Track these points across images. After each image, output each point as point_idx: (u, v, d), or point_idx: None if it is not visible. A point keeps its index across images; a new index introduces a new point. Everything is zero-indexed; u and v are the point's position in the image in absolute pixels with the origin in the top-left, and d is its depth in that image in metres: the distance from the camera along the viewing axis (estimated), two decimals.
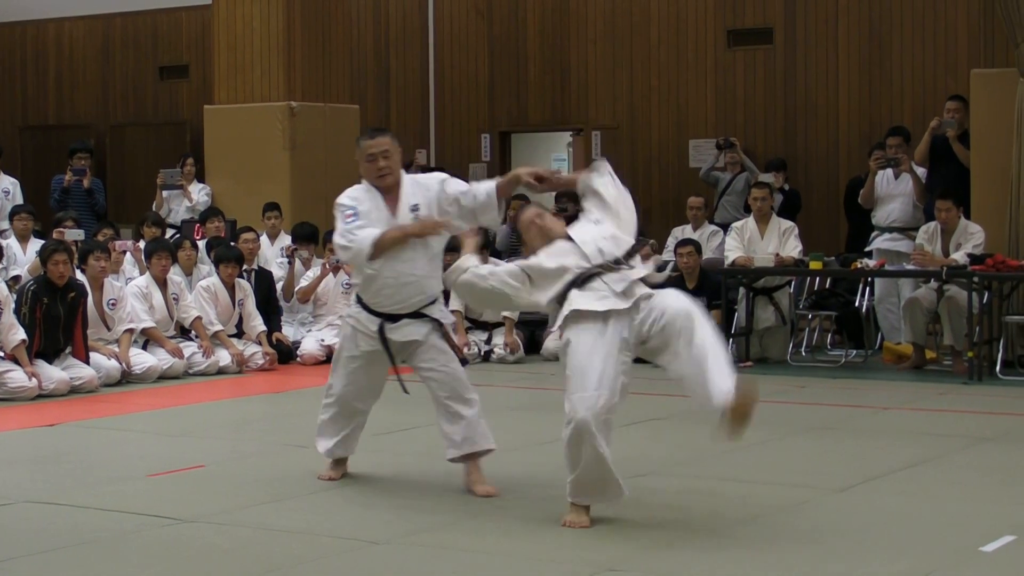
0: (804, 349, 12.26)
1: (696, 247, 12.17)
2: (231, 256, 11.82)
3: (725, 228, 12.76)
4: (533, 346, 12.35)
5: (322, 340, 11.90)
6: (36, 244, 12.24)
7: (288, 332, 12.37)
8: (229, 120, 14.23)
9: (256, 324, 11.83)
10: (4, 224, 13.63)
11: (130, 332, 10.96)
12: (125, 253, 12.28)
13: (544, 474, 6.96)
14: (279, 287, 12.59)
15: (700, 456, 7.60)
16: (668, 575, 5.26)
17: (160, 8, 17.41)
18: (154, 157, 16.22)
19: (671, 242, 13.29)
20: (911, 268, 11.30)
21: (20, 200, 14.15)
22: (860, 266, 11.47)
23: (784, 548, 5.57)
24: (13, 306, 10.10)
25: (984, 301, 10.72)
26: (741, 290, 11.94)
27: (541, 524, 5.95)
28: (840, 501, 6.42)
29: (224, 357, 11.47)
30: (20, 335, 9.99)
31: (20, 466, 7.53)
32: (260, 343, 11.78)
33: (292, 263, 12.77)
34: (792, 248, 11.79)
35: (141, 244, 12.23)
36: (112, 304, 10.93)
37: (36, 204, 14.20)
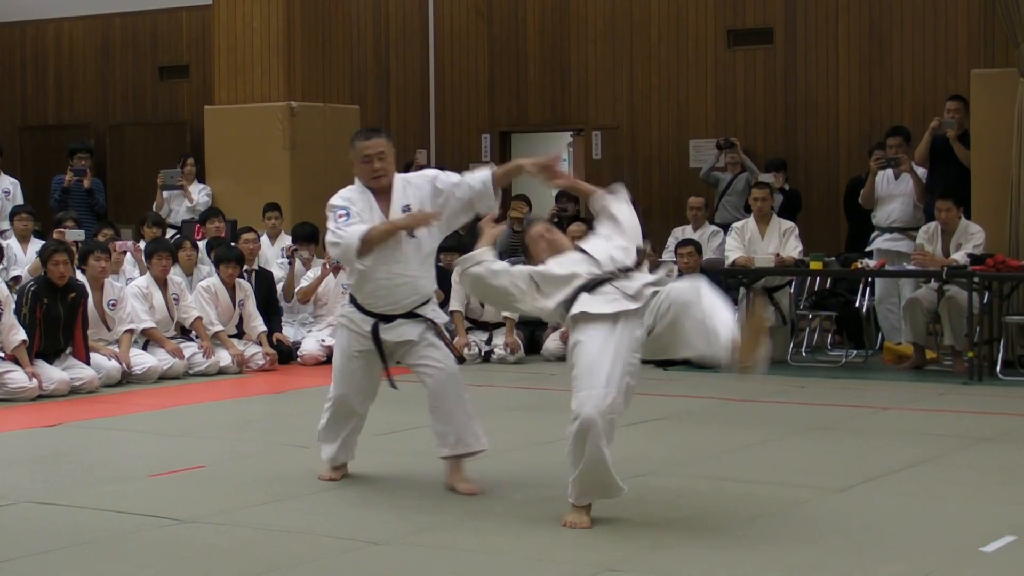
0: (804, 349, 12.26)
1: (696, 247, 12.18)
2: (231, 256, 11.82)
3: (725, 228, 12.76)
4: (533, 346, 12.35)
5: (322, 340, 11.90)
6: (36, 244, 12.25)
7: (288, 332, 12.37)
8: (229, 120, 14.23)
9: (256, 324, 11.84)
10: (4, 224, 13.63)
11: (130, 332, 10.97)
12: (125, 253, 12.29)
13: (544, 474, 6.97)
14: (279, 287, 12.60)
15: (700, 456, 7.61)
16: (668, 575, 5.26)
17: (160, 8, 17.40)
18: (154, 157, 16.22)
19: (671, 242, 13.29)
20: (911, 268, 11.30)
21: (20, 200, 14.16)
22: (860, 266, 11.47)
23: (784, 548, 5.57)
24: (13, 306, 10.10)
25: (984, 301, 10.72)
26: (742, 290, 11.94)
27: (541, 524, 5.95)
28: (840, 501, 6.42)
29: (224, 357, 11.47)
30: (20, 335, 9.99)
31: (20, 466, 7.53)
32: (260, 343, 11.79)
33: (292, 263, 12.77)
34: (792, 248, 11.79)
35: (141, 244, 12.23)
36: (112, 304, 10.93)
37: (36, 204, 14.20)
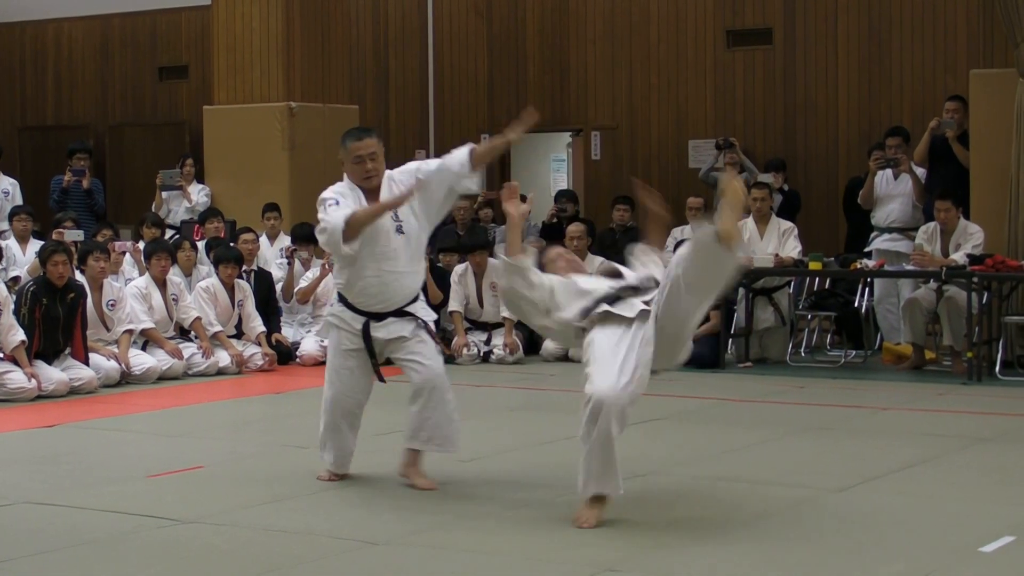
0: (803, 349, 12.26)
1: None
2: (230, 257, 11.82)
3: None
4: (532, 347, 12.34)
5: (321, 341, 11.87)
6: (35, 245, 12.25)
7: (287, 333, 12.37)
8: (228, 120, 14.23)
9: (255, 325, 11.84)
10: (4, 225, 13.63)
11: (129, 333, 10.97)
12: (124, 254, 12.29)
13: (544, 474, 6.97)
14: (278, 288, 12.59)
15: (700, 456, 7.61)
16: (668, 575, 5.26)
17: (159, 8, 17.39)
18: (153, 158, 16.21)
19: (670, 242, 13.26)
20: (910, 268, 11.30)
21: (19, 201, 14.16)
22: (859, 266, 11.47)
23: (783, 548, 5.57)
24: (12, 307, 10.10)
25: (983, 301, 10.72)
26: (740, 290, 11.93)
27: (541, 524, 5.95)
28: (839, 501, 6.41)
29: (223, 358, 11.47)
30: (19, 336, 9.99)
31: (19, 467, 7.53)
32: (259, 344, 11.78)
33: (291, 264, 12.77)
34: (791, 248, 11.79)
35: (140, 245, 12.23)
36: (111, 305, 10.92)
37: (35, 205, 14.20)
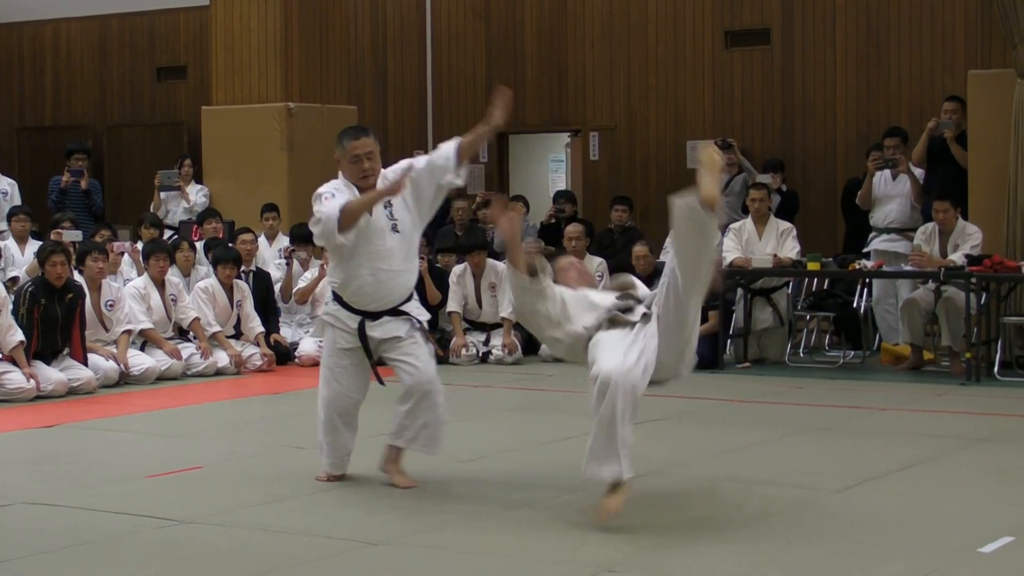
0: (802, 350, 12.26)
1: None
2: (229, 257, 11.82)
3: (723, 229, 12.69)
4: (531, 347, 12.34)
5: (320, 341, 11.86)
6: (34, 245, 12.26)
7: (286, 333, 12.37)
8: (227, 121, 14.23)
9: (254, 325, 11.84)
10: (2, 225, 13.64)
11: (128, 333, 10.96)
12: (123, 254, 12.30)
13: (543, 474, 6.97)
14: (277, 288, 12.59)
15: (699, 456, 7.61)
16: (668, 575, 5.26)
17: (158, 9, 17.38)
18: (151, 158, 16.20)
19: (669, 243, 13.26)
20: (909, 269, 11.29)
21: (18, 201, 14.17)
22: (858, 267, 11.47)
23: (783, 548, 5.58)
24: (11, 307, 10.09)
25: (982, 302, 10.72)
26: (739, 291, 11.94)
27: (540, 524, 5.95)
28: (838, 502, 6.42)
29: (222, 358, 11.47)
30: (18, 336, 9.99)
31: (18, 467, 7.53)
32: (258, 344, 11.78)
33: (290, 264, 12.76)
34: (790, 249, 11.78)
35: (139, 245, 12.24)
36: (110, 305, 10.92)
37: (34, 205, 14.21)
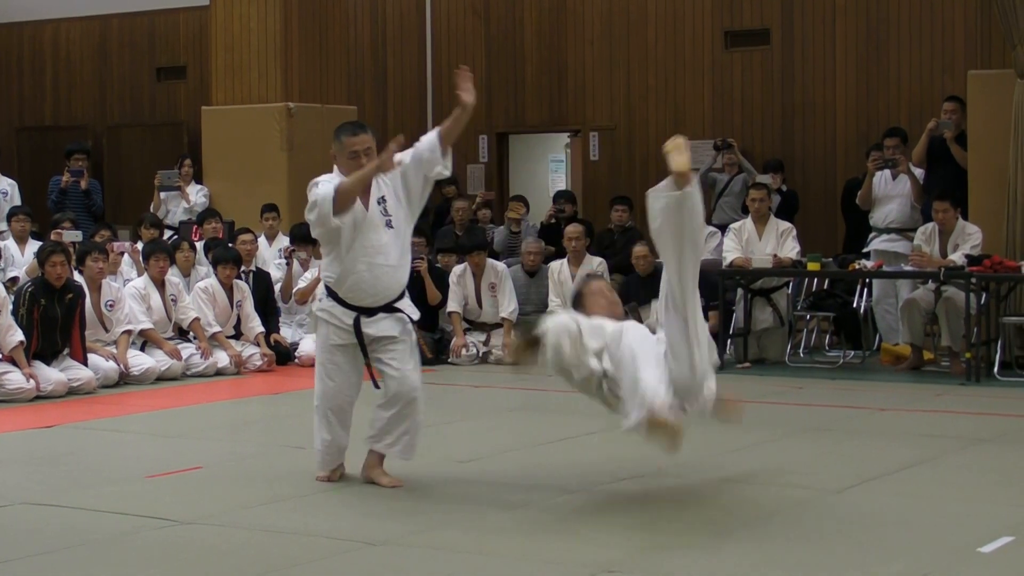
0: (802, 350, 12.26)
1: None
2: (229, 257, 11.82)
3: (723, 229, 12.74)
4: None
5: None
6: (34, 245, 12.26)
7: (286, 333, 12.37)
8: (226, 121, 14.23)
9: (254, 325, 11.84)
10: (2, 226, 13.64)
11: (128, 333, 10.96)
12: (123, 254, 12.30)
13: (542, 475, 6.97)
14: (277, 288, 12.59)
15: (700, 456, 7.60)
16: (668, 575, 5.27)
17: (157, 9, 17.39)
18: (151, 158, 16.21)
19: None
20: (909, 269, 11.29)
21: (18, 201, 14.17)
22: (858, 267, 11.47)
23: (783, 548, 5.58)
24: (11, 307, 10.10)
25: (982, 302, 10.72)
26: (739, 291, 11.94)
27: (539, 525, 5.95)
28: (838, 501, 6.42)
29: (222, 358, 11.47)
30: (18, 336, 9.99)
31: (17, 467, 7.52)
32: (258, 344, 11.78)
33: (290, 264, 12.76)
34: (790, 249, 11.78)
35: (139, 245, 12.24)
36: (110, 305, 10.92)
37: (34, 205, 14.21)
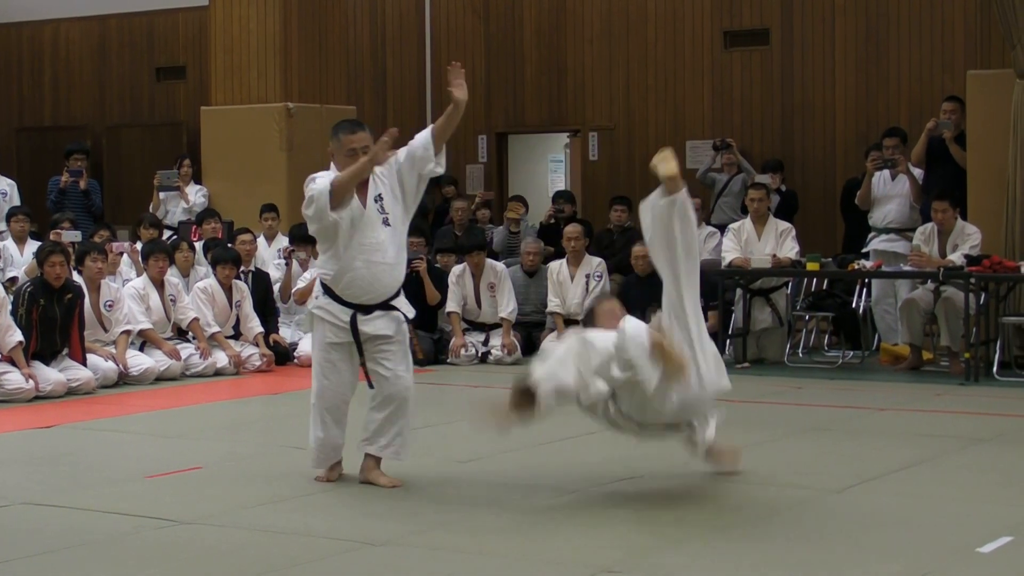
0: (801, 350, 12.26)
1: None
2: (228, 257, 11.82)
3: (722, 229, 12.74)
4: (530, 347, 12.34)
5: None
6: (33, 246, 12.26)
7: (285, 333, 12.37)
8: (226, 121, 14.23)
9: (253, 325, 11.84)
10: (1, 226, 13.64)
11: (127, 333, 10.96)
12: (122, 255, 12.29)
13: (542, 475, 6.97)
14: (276, 288, 12.59)
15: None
16: (668, 575, 5.28)
17: (156, 9, 17.38)
18: (151, 158, 16.20)
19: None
20: (908, 269, 11.30)
21: (17, 202, 14.17)
22: (857, 267, 11.47)
23: (782, 548, 5.58)
24: (10, 308, 10.09)
25: (981, 302, 10.73)
26: (738, 291, 11.94)
27: (540, 525, 5.95)
28: (837, 502, 6.42)
29: (221, 358, 11.47)
30: (17, 337, 9.98)
31: (17, 468, 7.52)
32: (257, 344, 11.78)
33: (289, 264, 12.76)
34: (789, 249, 11.78)
35: (138, 245, 12.23)
36: (109, 306, 10.92)
37: (33, 206, 14.21)
